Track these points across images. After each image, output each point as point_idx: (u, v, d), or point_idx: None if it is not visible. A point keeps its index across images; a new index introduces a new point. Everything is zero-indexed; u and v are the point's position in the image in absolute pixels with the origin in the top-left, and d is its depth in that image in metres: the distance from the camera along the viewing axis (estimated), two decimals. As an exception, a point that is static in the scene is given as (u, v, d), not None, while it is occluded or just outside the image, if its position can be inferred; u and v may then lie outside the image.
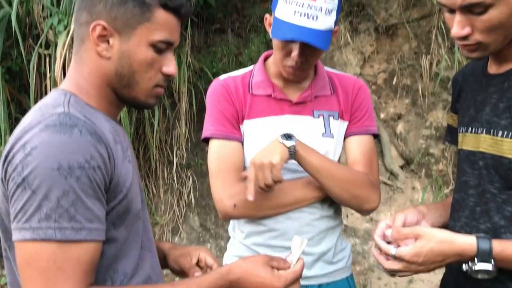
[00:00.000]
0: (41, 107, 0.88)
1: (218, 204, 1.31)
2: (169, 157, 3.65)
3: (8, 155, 0.82)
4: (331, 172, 1.26)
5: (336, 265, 1.37)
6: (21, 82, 3.25)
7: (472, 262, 0.97)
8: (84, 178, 0.79)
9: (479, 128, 1.07)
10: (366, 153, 1.35)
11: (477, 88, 1.12)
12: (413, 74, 3.68)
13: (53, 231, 0.77)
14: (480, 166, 1.06)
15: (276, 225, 1.31)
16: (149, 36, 0.90)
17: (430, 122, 3.63)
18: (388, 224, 1.12)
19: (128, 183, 0.89)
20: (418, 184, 3.60)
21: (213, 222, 3.64)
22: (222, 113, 1.33)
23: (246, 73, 1.40)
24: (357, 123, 1.37)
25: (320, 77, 1.38)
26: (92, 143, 0.81)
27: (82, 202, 0.79)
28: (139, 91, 0.93)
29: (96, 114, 0.90)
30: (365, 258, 3.36)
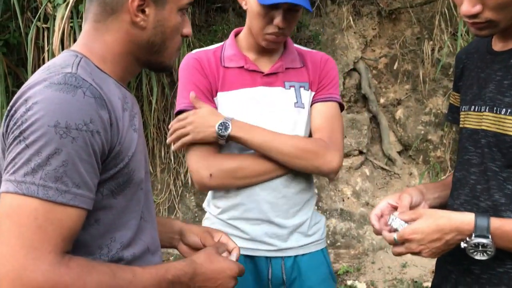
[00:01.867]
0: (49, 66, 0.86)
1: (194, 174, 1.32)
2: (166, 136, 3.64)
3: (11, 110, 0.81)
4: (274, 145, 1.29)
5: (312, 238, 1.40)
6: (18, 56, 3.21)
7: (469, 238, 0.96)
8: (79, 141, 0.77)
9: (482, 106, 1.05)
10: (328, 119, 1.37)
11: (481, 66, 1.11)
12: (415, 60, 3.66)
13: (36, 187, 0.74)
14: (482, 144, 1.05)
15: (251, 198, 1.33)
16: (179, 2, 0.94)
17: (429, 109, 3.62)
18: (391, 204, 1.12)
19: (131, 152, 0.87)
20: (416, 170, 3.60)
21: (209, 202, 3.64)
22: (196, 85, 1.34)
23: (217, 48, 1.42)
24: (321, 91, 1.40)
25: (290, 51, 1.42)
26: (94, 107, 0.79)
27: (73, 165, 0.76)
28: (167, 56, 0.96)
29: (106, 79, 0.89)
30: (360, 242, 3.37)
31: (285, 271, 1.36)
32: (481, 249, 0.96)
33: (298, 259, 1.38)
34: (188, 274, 0.92)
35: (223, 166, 1.30)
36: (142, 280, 0.84)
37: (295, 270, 1.37)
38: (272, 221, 1.34)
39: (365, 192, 3.51)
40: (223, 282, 0.97)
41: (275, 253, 1.36)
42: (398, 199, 1.12)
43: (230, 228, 1.36)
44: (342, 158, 1.34)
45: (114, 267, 0.83)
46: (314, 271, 1.39)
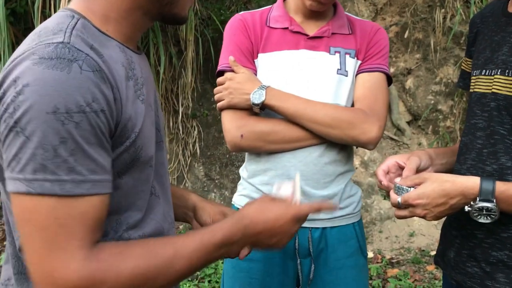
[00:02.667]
0: (40, 32, 0.75)
1: (226, 134, 1.32)
2: (174, 107, 3.64)
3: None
4: (308, 114, 1.25)
5: (343, 211, 1.37)
6: (26, 25, 3.19)
7: (474, 201, 0.96)
8: (84, 124, 0.68)
9: (494, 69, 1.04)
10: (371, 89, 1.32)
11: (495, 29, 1.08)
12: (426, 28, 3.59)
13: (51, 184, 0.67)
14: (491, 107, 1.04)
15: (281, 164, 1.31)
16: None
17: (440, 78, 3.57)
18: (399, 163, 1.11)
19: (138, 127, 0.78)
20: (425, 140, 3.58)
21: (218, 172, 3.66)
22: (237, 46, 1.33)
23: (265, 9, 1.40)
24: (368, 60, 1.35)
25: (339, 16, 1.37)
26: (94, 82, 0.70)
27: (84, 151, 0.69)
28: (180, 5, 0.85)
29: (108, 43, 0.78)
30: (367, 212, 3.39)
31: (312, 242, 1.34)
32: (485, 212, 0.96)
33: (326, 231, 1.35)
34: (238, 232, 0.84)
35: (255, 128, 1.28)
36: (185, 252, 0.78)
37: (322, 242, 1.35)
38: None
39: (373, 162, 3.51)
40: (283, 230, 0.88)
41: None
42: (406, 159, 1.11)
43: (258, 194, 1.35)
44: (382, 128, 1.28)
45: (152, 245, 0.77)
46: (342, 245, 1.36)
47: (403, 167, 1.12)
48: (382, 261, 3.10)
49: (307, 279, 1.37)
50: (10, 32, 2.88)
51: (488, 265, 1.04)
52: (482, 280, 1.05)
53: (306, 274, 1.37)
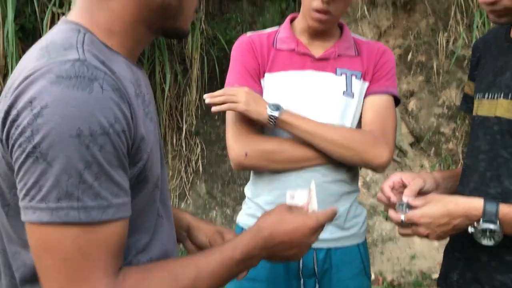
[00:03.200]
0: (47, 47, 0.70)
1: (230, 152, 1.31)
2: (178, 124, 3.66)
3: (11, 111, 0.65)
4: (323, 133, 1.25)
5: (348, 231, 1.36)
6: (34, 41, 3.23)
7: (477, 223, 0.97)
8: (108, 146, 0.65)
9: (497, 92, 1.05)
10: (380, 112, 1.33)
11: (498, 54, 1.10)
12: (429, 51, 3.62)
13: (77, 211, 0.64)
14: (494, 131, 1.05)
15: (286, 183, 1.31)
16: None
17: (442, 101, 3.59)
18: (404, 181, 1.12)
19: (149, 147, 0.75)
20: (427, 163, 3.59)
21: (220, 190, 3.66)
22: (244, 66, 1.34)
23: (272, 31, 1.42)
24: (377, 82, 1.35)
25: (345, 38, 1.38)
26: (115, 102, 0.67)
27: (108, 175, 0.66)
28: (184, 20, 0.82)
29: (116, 59, 0.75)
30: (369, 233, 3.38)
31: (317, 262, 1.33)
32: (489, 234, 0.96)
33: (331, 252, 1.34)
34: (258, 245, 0.82)
35: (259, 147, 1.28)
36: (208, 271, 0.77)
37: (327, 263, 1.34)
38: None
39: (375, 183, 3.51)
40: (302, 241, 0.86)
41: None
42: (412, 179, 1.12)
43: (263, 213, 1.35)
44: (392, 153, 1.30)
45: (174, 267, 0.75)
46: (347, 265, 1.35)
47: (406, 185, 1.12)
48: (384, 283, 3.07)
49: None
50: (18, 47, 2.93)
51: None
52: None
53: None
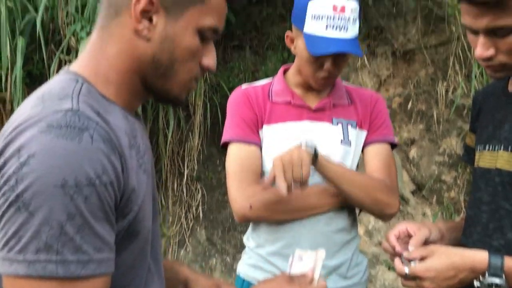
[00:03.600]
0: (43, 96, 0.70)
1: (233, 204, 1.31)
2: (180, 169, 3.67)
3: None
4: (350, 177, 1.27)
5: (350, 280, 1.35)
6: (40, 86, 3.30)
7: (483, 276, 0.95)
8: (93, 198, 0.64)
9: (497, 145, 1.06)
10: (384, 161, 1.35)
11: (497, 107, 1.12)
12: (429, 100, 3.67)
13: (55, 265, 0.61)
14: (496, 182, 1.05)
15: (290, 233, 1.31)
16: (199, 21, 0.76)
17: (443, 149, 3.61)
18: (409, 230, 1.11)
19: (140, 199, 0.74)
20: (429, 211, 3.56)
21: (220, 237, 3.62)
22: (242, 118, 1.36)
23: (266, 83, 1.45)
24: (375, 132, 1.39)
25: (338, 88, 1.42)
26: (105, 153, 0.66)
27: (91, 228, 0.64)
28: (175, 83, 0.79)
29: (112, 109, 0.75)
30: (371, 282, 3.31)
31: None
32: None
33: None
34: None
35: (264, 197, 1.27)
36: None
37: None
38: None
39: (377, 232, 3.47)
40: None
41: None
42: (417, 229, 1.11)
43: (267, 264, 1.34)
44: (399, 203, 1.32)
45: None
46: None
47: (412, 235, 1.12)
48: (387, 336, 2.98)
49: None
50: (25, 93, 2.98)
51: None
52: None
53: None
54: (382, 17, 3.66)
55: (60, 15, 2.96)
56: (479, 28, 0.95)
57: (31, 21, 2.90)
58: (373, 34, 3.70)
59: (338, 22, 1.23)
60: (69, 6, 2.89)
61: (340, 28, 1.23)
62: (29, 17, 2.90)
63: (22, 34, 2.86)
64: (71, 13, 2.88)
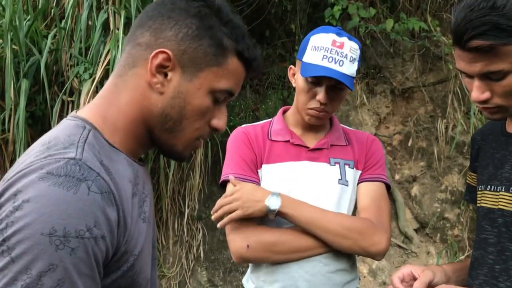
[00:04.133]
0: (50, 143, 0.71)
1: (231, 244, 1.31)
2: (180, 208, 3.64)
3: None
4: (322, 223, 1.27)
5: None
6: (42, 127, 3.32)
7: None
8: (80, 252, 0.62)
9: (498, 185, 1.06)
10: (375, 199, 1.36)
11: (496, 147, 1.12)
12: (429, 137, 3.69)
13: None
14: (499, 223, 1.04)
15: (288, 274, 1.29)
16: (213, 82, 0.78)
17: (445, 186, 3.59)
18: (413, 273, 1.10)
19: (137, 250, 0.74)
20: (433, 249, 3.51)
21: (221, 278, 3.55)
22: (241, 157, 1.37)
23: (266, 123, 1.47)
24: (368, 170, 1.40)
25: (335, 129, 1.45)
26: (100, 205, 0.65)
27: (71, 283, 0.62)
28: (181, 139, 0.80)
29: (117, 157, 0.75)
30: (377, 324, 3.23)
31: None
32: None
33: None
34: None
35: (261, 238, 1.28)
36: None
37: None
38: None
39: (381, 271, 3.41)
40: None
41: None
42: (421, 272, 1.10)
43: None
44: (389, 239, 1.31)
45: None
46: None
47: (416, 278, 1.10)
48: None
49: None
50: (27, 134, 3.00)
51: None
52: None
53: None
54: (380, 56, 3.72)
55: (63, 57, 3.01)
56: (473, 73, 0.97)
57: (35, 63, 2.96)
58: (372, 73, 3.76)
59: (335, 55, 1.27)
60: (73, 49, 2.95)
61: (336, 61, 1.26)
62: (33, 60, 2.96)
63: (26, 76, 2.91)
64: (74, 55, 2.93)
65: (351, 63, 1.29)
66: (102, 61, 2.74)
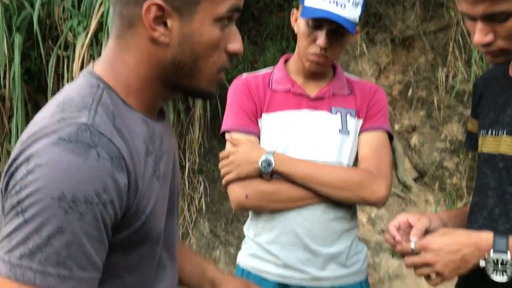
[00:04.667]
0: (64, 104, 0.71)
1: (231, 193, 1.34)
2: (181, 162, 3.66)
3: (12, 165, 0.67)
4: (318, 178, 1.27)
5: (350, 269, 1.36)
6: (39, 83, 3.29)
7: (488, 254, 0.95)
8: (89, 216, 0.65)
9: (500, 130, 1.06)
10: (376, 148, 1.35)
11: (498, 91, 1.12)
12: (429, 87, 3.66)
13: (33, 274, 0.62)
14: (500, 168, 1.05)
15: (286, 221, 1.32)
16: (214, 10, 0.73)
17: (445, 135, 3.60)
18: (409, 221, 1.11)
19: (149, 208, 0.75)
20: (432, 197, 3.56)
21: (223, 229, 3.62)
22: (241, 108, 1.37)
23: (267, 72, 1.45)
24: (370, 119, 1.39)
25: (338, 77, 1.42)
26: (109, 171, 0.67)
27: (80, 245, 0.65)
28: (202, 79, 0.77)
29: (131, 115, 0.75)
30: (375, 271, 3.32)
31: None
32: (501, 268, 0.95)
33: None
34: None
35: (259, 188, 1.30)
36: None
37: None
38: (306, 247, 1.31)
39: (380, 219, 3.47)
40: None
41: (309, 282, 1.33)
42: (417, 219, 1.11)
43: (265, 253, 1.35)
44: (389, 188, 1.32)
45: None
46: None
47: (412, 226, 1.12)
48: (392, 323, 3.00)
49: None
50: (24, 90, 2.97)
51: None
52: None
53: None
54: (380, 4, 3.63)
55: (56, 10, 2.94)
56: (476, 15, 0.94)
57: (27, 18, 2.89)
58: (372, 22, 3.68)
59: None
60: (65, 2, 2.88)
61: (338, 4, 1.23)
62: (25, 14, 2.88)
63: (19, 31, 2.85)
64: (67, 8, 2.86)
65: (354, 7, 1.26)
66: (95, 13, 2.68)
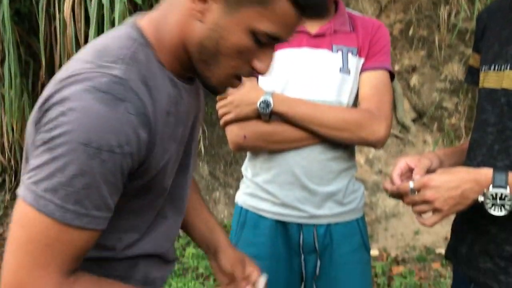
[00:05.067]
0: (101, 51, 0.75)
1: (229, 134, 1.33)
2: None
3: (47, 101, 0.72)
4: (317, 118, 1.26)
5: (346, 206, 1.37)
6: (30, 24, 3.20)
7: (487, 189, 0.96)
8: (109, 164, 0.70)
9: (503, 64, 1.03)
10: (377, 87, 1.32)
11: (503, 24, 1.08)
12: (430, 25, 3.57)
13: (55, 207, 0.69)
14: (501, 103, 1.03)
15: (284, 161, 1.31)
16: (254, 22, 0.73)
17: (445, 75, 3.56)
18: (409, 164, 1.11)
19: (160, 165, 0.80)
20: (430, 138, 3.57)
21: (222, 171, 3.66)
22: None
23: None
24: (372, 58, 1.35)
25: (341, 14, 1.37)
26: (133, 126, 0.71)
27: (98, 188, 0.71)
28: (215, 74, 0.79)
29: (161, 75, 0.79)
30: (372, 210, 3.38)
31: (317, 238, 1.35)
32: (499, 202, 0.95)
33: (331, 227, 1.36)
34: None
35: (257, 129, 1.29)
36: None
37: (327, 238, 1.36)
38: (304, 186, 1.32)
39: (378, 160, 3.50)
40: None
41: (307, 220, 1.34)
42: (417, 161, 1.11)
43: (263, 192, 1.36)
44: (389, 128, 1.30)
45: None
46: (347, 240, 1.37)
47: (413, 169, 1.11)
48: (387, 259, 3.09)
49: (312, 275, 1.38)
50: (14, 32, 2.89)
51: (502, 259, 1.03)
52: (496, 275, 1.04)
53: (311, 270, 1.38)
54: None
55: None
56: None
57: (14, -45, 2.77)
58: (373, -43, 3.54)
59: None
60: None
61: None
62: (12, -49, 2.76)
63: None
64: None
65: None
66: (85, -50, 2.56)
